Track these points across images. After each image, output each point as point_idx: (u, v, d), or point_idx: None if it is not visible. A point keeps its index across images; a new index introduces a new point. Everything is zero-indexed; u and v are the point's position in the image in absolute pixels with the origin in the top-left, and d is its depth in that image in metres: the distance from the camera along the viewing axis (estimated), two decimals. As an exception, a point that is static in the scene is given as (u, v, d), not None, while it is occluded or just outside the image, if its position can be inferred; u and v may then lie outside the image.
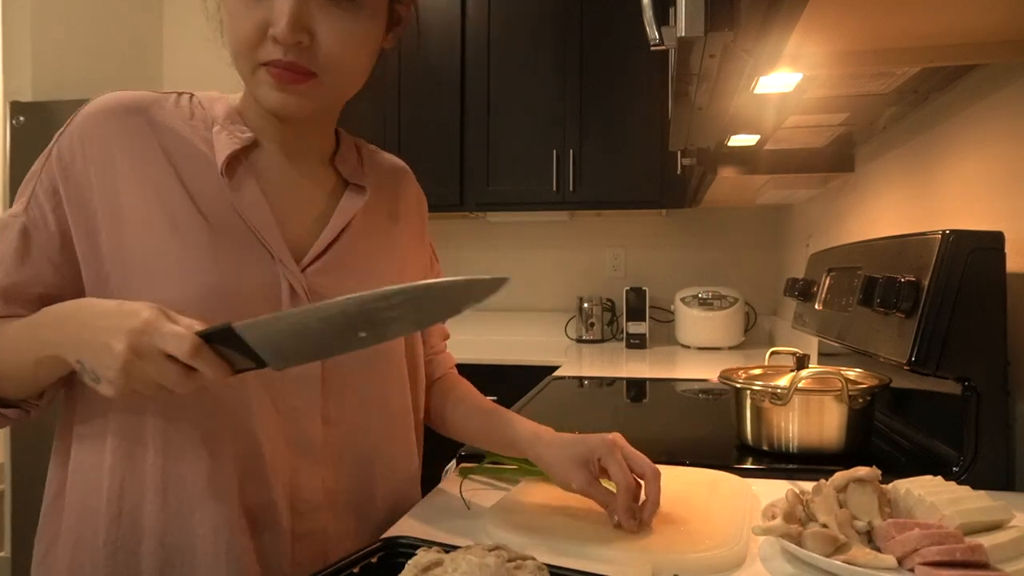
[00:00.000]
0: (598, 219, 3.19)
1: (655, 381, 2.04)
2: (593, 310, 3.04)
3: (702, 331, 2.80)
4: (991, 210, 1.06)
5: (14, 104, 2.70)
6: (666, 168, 2.73)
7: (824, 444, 1.02)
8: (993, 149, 1.06)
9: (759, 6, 0.68)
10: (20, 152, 2.68)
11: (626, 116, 2.79)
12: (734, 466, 1.00)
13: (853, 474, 0.71)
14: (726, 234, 3.09)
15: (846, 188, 1.87)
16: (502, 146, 2.87)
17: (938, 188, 1.26)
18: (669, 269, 3.12)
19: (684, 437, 1.34)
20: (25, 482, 2.67)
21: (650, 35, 0.86)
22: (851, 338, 1.17)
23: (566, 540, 0.71)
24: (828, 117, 1.39)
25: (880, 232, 1.53)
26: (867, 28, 0.85)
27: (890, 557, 0.63)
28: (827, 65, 0.99)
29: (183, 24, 3.45)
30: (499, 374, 2.53)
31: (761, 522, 0.72)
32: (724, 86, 0.94)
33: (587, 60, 2.80)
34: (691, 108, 1.09)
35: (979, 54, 0.93)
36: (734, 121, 1.33)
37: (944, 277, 0.91)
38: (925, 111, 1.31)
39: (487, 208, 2.94)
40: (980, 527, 0.67)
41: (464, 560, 0.52)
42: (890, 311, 0.97)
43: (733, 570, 0.67)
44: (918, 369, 0.92)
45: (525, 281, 3.24)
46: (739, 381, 1.10)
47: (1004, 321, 0.89)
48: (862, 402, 1.02)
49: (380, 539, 0.64)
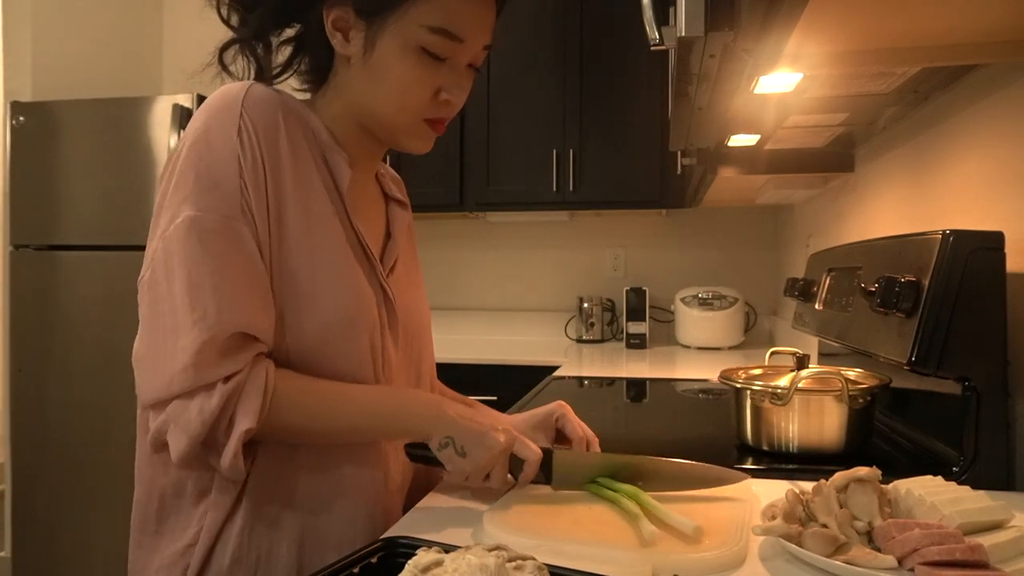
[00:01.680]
0: (598, 219, 3.19)
1: (655, 381, 2.04)
2: (593, 310, 3.04)
3: (702, 331, 2.79)
4: (991, 210, 1.06)
5: (14, 104, 2.70)
6: (666, 168, 2.73)
7: (824, 444, 1.02)
8: (993, 149, 1.06)
9: (759, 6, 0.68)
10: (20, 152, 2.68)
11: (626, 116, 2.79)
12: (734, 466, 1.00)
13: (853, 474, 0.71)
14: (726, 234, 3.09)
15: (846, 188, 1.87)
16: (502, 146, 2.87)
17: (938, 188, 1.26)
18: (669, 269, 3.12)
19: (684, 437, 1.34)
20: (25, 482, 2.68)
21: (650, 35, 0.86)
22: (851, 338, 1.17)
23: (566, 540, 0.71)
24: (828, 117, 1.39)
25: (880, 232, 1.53)
26: (867, 28, 0.85)
27: (890, 557, 0.63)
28: (827, 65, 0.99)
29: (183, 24, 3.45)
30: (499, 374, 2.53)
31: (761, 522, 0.72)
32: (724, 86, 0.94)
33: (587, 60, 2.80)
34: (691, 108, 1.09)
35: (979, 54, 0.93)
36: (734, 121, 1.33)
37: (944, 277, 0.91)
38: (925, 111, 1.31)
39: (487, 208, 2.94)
40: (980, 527, 0.67)
41: (464, 560, 0.52)
42: (890, 311, 0.97)
43: (733, 570, 0.67)
44: (918, 369, 0.92)
45: (525, 281, 3.24)
46: (739, 381, 1.10)
47: (1004, 321, 0.89)
48: (862, 402, 1.02)
49: (380, 539, 0.64)
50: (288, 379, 0.76)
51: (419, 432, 0.82)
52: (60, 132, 2.65)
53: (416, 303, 0.95)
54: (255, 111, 0.77)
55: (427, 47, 0.80)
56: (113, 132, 2.59)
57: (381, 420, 0.81)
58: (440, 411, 0.81)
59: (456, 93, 0.83)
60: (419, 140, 0.87)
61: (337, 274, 0.80)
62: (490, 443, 0.80)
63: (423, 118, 0.84)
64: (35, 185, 2.67)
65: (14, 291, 2.69)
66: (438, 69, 0.82)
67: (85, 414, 2.61)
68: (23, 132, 2.68)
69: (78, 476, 2.63)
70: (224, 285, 0.71)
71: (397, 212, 0.96)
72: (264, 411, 0.72)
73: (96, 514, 2.61)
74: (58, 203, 2.65)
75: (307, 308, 0.78)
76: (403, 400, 0.84)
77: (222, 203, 0.73)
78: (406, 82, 0.81)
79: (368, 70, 0.82)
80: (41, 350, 2.66)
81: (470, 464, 0.80)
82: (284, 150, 0.78)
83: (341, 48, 0.83)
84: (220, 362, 0.71)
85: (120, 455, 2.56)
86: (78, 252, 2.64)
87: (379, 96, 0.83)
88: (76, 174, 2.64)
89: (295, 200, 0.78)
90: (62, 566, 2.65)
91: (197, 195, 0.73)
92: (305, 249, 0.78)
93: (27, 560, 2.68)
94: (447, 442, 0.80)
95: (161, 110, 2.54)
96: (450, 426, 0.80)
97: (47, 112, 2.67)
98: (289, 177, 0.78)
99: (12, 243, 2.69)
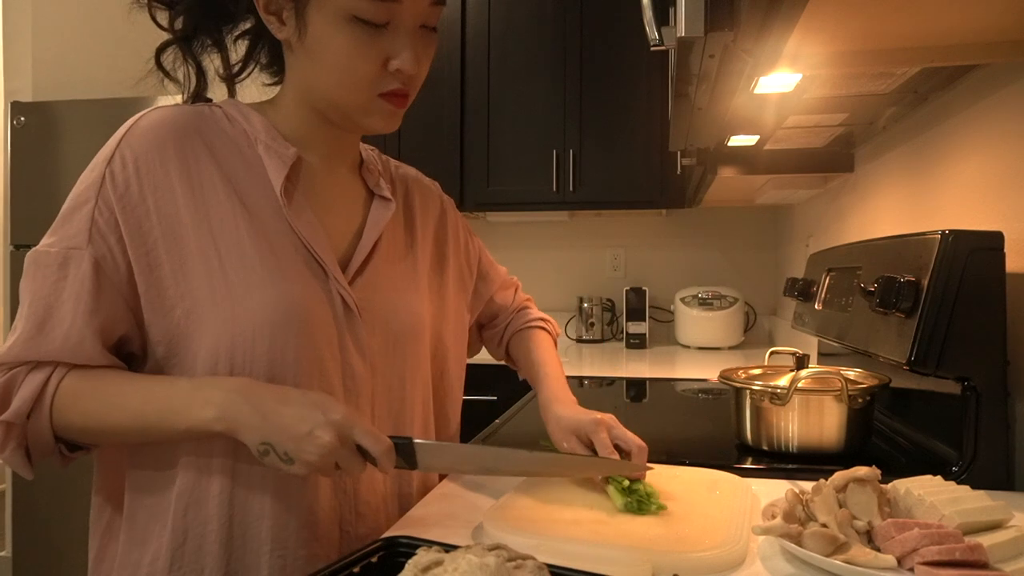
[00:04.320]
0: (598, 219, 3.19)
1: (655, 381, 2.04)
2: (593, 310, 3.04)
3: (702, 331, 2.79)
4: (991, 210, 1.06)
5: (14, 104, 2.70)
6: (666, 168, 2.73)
7: (824, 444, 1.02)
8: (993, 149, 1.06)
9: (759, 6, 0.68)
10: (20, 152, 2.68)
11: (626, 116, 2.79)
12: (734, 466, 1.00)
13: (853, 474, 0.71)
14: (726, 234, 3.09)
15: (846, 188, 1.87)
16: (502, 146, 2.87)
17: (938, 188, 1.26)
18: (669, 269, 3.12)
19: (684, 437, 1.34)
20: (25, 482, 2.68)
21: (650, 35, 0.86)
22: (851, 338, 1.17)
23: (566, 540, 0.71)
24: (828, 117, 1.39)
25: (880, 232, 1.53)
26: (867, 28, 0.85)
27: (890, 557, 0.63)
28: (827, 65, 0.99)
29: (183, 24, 3.45)
30: (499, 374, 2.53)
31: (761, 522, 0.72)
32: (724, 86, 0.94)
33: (587, 60, 2.80)
34: (691, 108, 1.09)
35: (979, 54, 0.93)
36: (734, 121, 1.33)
37: (944, 277, 0.91)
38: (925, 111, 1.31)
39: (487, 208, 2.94)
40: (980, 527, 0.67)
41: (464, 560, 0.52)
42: (890, 311, 0.97)
43: (733, 570, 0.67)
44: (918, 369, 0.92)
45: (525, 281, 3.22)
46: (739, 381, 1.10)
47: (1004, 321, 0.89)
48: (862, 402, 1.02)
49: (380, 539, 0.64)
50: (79, 378, 0.74)
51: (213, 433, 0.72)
52: (60, 132, 2.65)
53: (406, 308, 0.88)
54: (136, 140, 0.77)
55: (359, 14, 0.73)
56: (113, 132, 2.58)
57: (158, 421, 0.72)
58: (239, 408, 0.70)
59: (407, 59, 0.75)
60: (379, 118, 0.80)
61: (248, 278, 0.75)
62: (317, 442, 0.68)
63: (377, 93, 0.77)
64: (35, 185, 2.67)
65: (14, 291, 2.69)
66: (379, 37, 0.74)
67: (85, 414, 2.61)
68: (23, 132, 2.68)
69: (78, 476, 2.62)
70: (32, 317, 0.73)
71: (377, 211, 0.88)
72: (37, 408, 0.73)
73: (96, 514, 2.61)
74: (58, 203, 2.59)
75: (212, 318, 0.74)
76: (190, 395, 0.72)
77: (69, 235, 0.75)
78: (345, 57, 0.74)
79: (307, 51, 0.76)
80: (41, 350, 2.66)
81: (302, 468, 0.69)
82: (172, 170, 0.76)
83: (278, 32, 0.78)
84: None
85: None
86: (78, 252, 2.64)
87: (322, 77, 0.77)
88: (76, 174, 2.57)
89: (191, 215, 0.75)
90: (62, 566, 2.65)
91: (54, 227, 0.76)
92: (209, 260, 0.75)
93: (27, 560, 2.68)
94: (265, 448, 0.69)
95: (161, 110, 2.54)
96: (260, 428, 0.69)
97: (47, 112, 2.67)
98: (180, 195, 0.75)
99: (12, 243, 2.70)
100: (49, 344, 0.73)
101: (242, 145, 0.81)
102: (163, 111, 0.80)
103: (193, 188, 0.76)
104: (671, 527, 0.74)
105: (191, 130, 0.79)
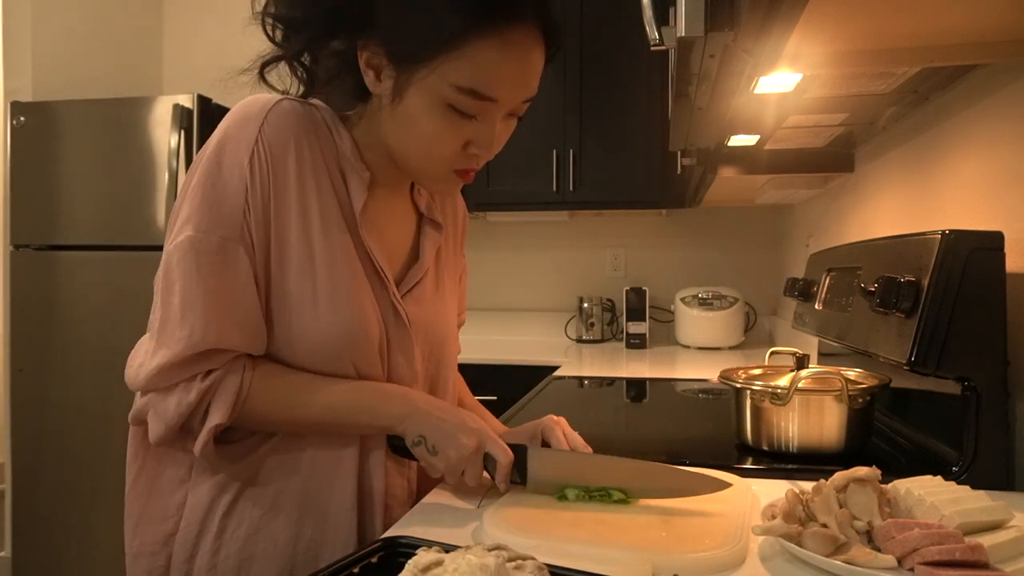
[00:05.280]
0: (598, 219, 3.19)
1: (655, 381, 2.04)
2: (593, 310, 3.04)
3: (702, 331, 2.79)
4: (991, 210, 1.06)
5: (14, 104, 2.70)
6: (666, 168, 2.73)
7: (824, 444, 1.02)
8: (993, 149, 1.06)
9: (759, 6, 0.68)
10: (20, 152, 2.68)
11: (626, 116, 2.79)
12: (734, 466, 1.00)
13: (853, 474, 0.71)
14: (726, 234, 3.09)
15: (846, 188, 1.87)
16: (502, 146, 2.87)
17: (938, 188, 1.26)
18: (669, 269, 3.12)
19: (684, 437, 1.34)
20: (25, 482, 2.68)
21: (650, 35, 0.86)
22: (851, 338, 1.17)
23: (566, 540, 0.71)
24: (828, 117, 1.39)
25: (880, 232, 1.53)
26: (867, 28, 0.85)
27: (890, 557, 0.63)
28: (827, 65, 0.99)
29: (183, 24, 3.45)
30: (499, 374, 2.53)
31: (761, 522, 0.72)
32: (724, 86, 0.94)
33: (587, 60, 2.80)
34: (691, 108, 1.09)
35: (979, 54, 0.93)
36: (734, 121, 1.33)
37: (944, 277, 0.91)
38: (925, 111, 1.31)
39: (487, 208, 2.94)
40: (980, 527, 0.67)
41: (464, 560, 0.52)
42: (890, 311, 0.97)
43: (733, 570, 0.67)
44: (918, 369, 0.92)
45: (525, 281, 3.24)
46: (739, 381, 1.10)
47: (1004, 321, 0.89)
48: (862, 402, 1.02)
49: (380, 539, 0.64)
50: (263, 369, 0.81)
51: (390, 428, 0.83)
52: (60, 132, 2.65)
53: (443, 319, 0.96)
54: (271, 132, 0.79)
55: (455, 105, 0.77)
56: (113, 132, 2.59)
57: (347, 415, 0.82)
58: (412, 408, 0.82)
59: (487, 146, 0.81)
60: (445, 186, 0.86)
61: (333, 291, 0.81)
62: (460, 443, 0.80)
63: (452, 169, 0.83)
64: (35, 185, 2.67)
65: (14, 291, 2.69)
66: (467, 125, 0.79)
67: (85, 414, 2.61)
68: (23, 132, 2.68)
69: (78, 476, 2.63)
70: (211, 307, 0.76)
71: (429, 233, 0.95)
72: (236, 408, 0.78)
73: (96, 514, 2.61)
74: (58, 203, 2.65)
75: (300, 324, 0.80)
76: (374, 396, 0.83)
77: (221, 224, 0.77)
78: (432, 137, 0.79)
79: (396, 117, 0.80)
80: (41, 350, 2.66)
81: (442, 462, 0.81)
82: (291, 171, 0.80)
83: (373, 87, 0.81)
84: (198, 363, 0.77)
85: (120, 454, 2.56)
86: (78, 252, 2.64)
87: (403, 142, 0.82)
88: (76, 174, 2.64)
89: (298, 220, 0.80)
90: (62, 566, 2.65)
91: (201, 214, 0.77)
92: (305, 267, 0.80)
93: (27, 560, 2.69)
94: (419, 440, 0.81)
95: (161, 110, 2.54)
96: (422, 424, 0.81)
97: (47, 112, 2.67)
98: (293, 197, 0.80)
99: (12, 243, 2.69)
100: (232, 336, 0.77)
101: (330, 156, 0.84)
102: (289, 105, 0.82)
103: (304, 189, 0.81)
104: (671, 527, 0.74)
105: (310, 131, 0.82)
